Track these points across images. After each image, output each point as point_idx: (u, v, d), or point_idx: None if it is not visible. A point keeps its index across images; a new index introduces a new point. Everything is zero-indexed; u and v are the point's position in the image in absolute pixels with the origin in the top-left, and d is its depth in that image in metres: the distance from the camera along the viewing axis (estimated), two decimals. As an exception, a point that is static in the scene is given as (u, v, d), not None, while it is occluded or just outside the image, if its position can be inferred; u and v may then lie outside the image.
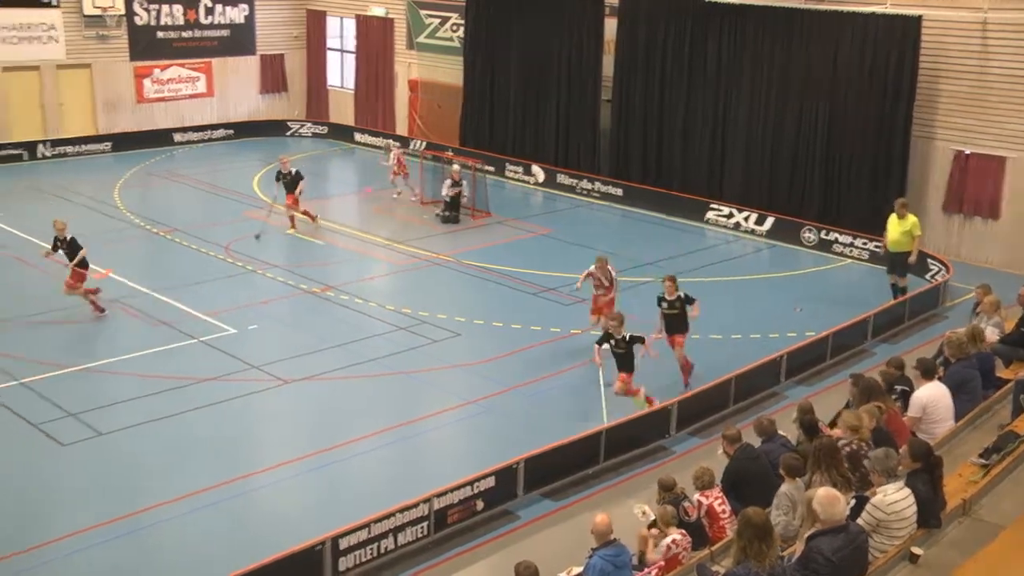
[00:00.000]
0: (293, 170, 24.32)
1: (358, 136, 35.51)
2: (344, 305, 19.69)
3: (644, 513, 10.46)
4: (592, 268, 17.42)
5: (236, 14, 36.14)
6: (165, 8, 34.58)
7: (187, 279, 20.94)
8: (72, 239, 18.60)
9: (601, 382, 15.55)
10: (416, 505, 11.83)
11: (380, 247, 23.78)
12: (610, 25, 28.83)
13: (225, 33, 36.05)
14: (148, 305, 19.40)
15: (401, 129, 35.04)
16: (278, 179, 24.45)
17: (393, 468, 13.93)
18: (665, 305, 15.84)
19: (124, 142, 33.23)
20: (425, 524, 11.90)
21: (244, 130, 35.87)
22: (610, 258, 17.94)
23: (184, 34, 35.21)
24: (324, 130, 36.54)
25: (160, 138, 34.01)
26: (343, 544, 11.15)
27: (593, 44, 29.12)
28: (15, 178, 29.40)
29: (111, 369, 16.48)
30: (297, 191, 24.20)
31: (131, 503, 12.59)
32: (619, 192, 28.16)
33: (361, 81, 36.46)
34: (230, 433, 14.70)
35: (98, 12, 32.94)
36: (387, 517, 11.56)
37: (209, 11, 35.53)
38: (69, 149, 32.32)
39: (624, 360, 14.85)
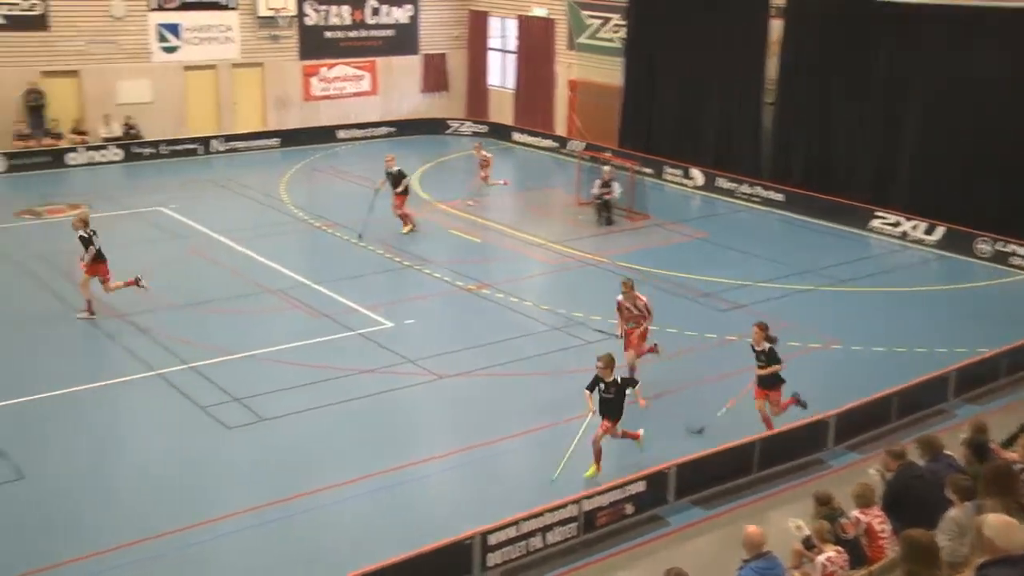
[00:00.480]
0: (396, 169, 24.24)
1: (516, 136, 35.76)
2: (499, 303, 19.83)
3: (799, 527, 10.15)
4: (620, 297, 16.09)
5: (401, 14, 36.96)
6: (334, 9, 35.65)
7: (347, 273, 21.48)
8: (81, 235, 18.53)
9: (579, 432, 13.44)
10: (565, 506, 11.80)
11: (536, 247, 23.86)
12: (774, 26, 28.21)
13: (390, 33, 36.91)
14: (309, 297, 19.98)
15: (560, 129, 35.12)
16: (390, 180, 24.23)
17: (542, 467, 13.90)
18: (754, 355, 14.34)
19: (291, 138, 34.41)
20: (574, 525, 11.85)
21: (406, 128, 36.61)
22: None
23: (351, 34, 36.21)
24: (484, 129, 36.95)
25: (325, 135, 35.04)
26: (492, 540, 11.21)
27: (756, 46, 28.53)
28: (190, 171, 30.82)
29: (274, 357, 17.02)
30: (400, 189, 24.16)
31: (287, 488, 12.97)
32: (780, 197, 27.49)
33: (521, 81, 36.71)
34: (384, 425, 14.97)
35: (271, 14, 34.21)
36: (536, 516, 11.57)
37: (375, 11, 36.44)
38: (240, 144, 33.65)
39: (611, 406, 13.33)
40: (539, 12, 35.52)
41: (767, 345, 14.05)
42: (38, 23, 30.75)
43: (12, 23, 30.34)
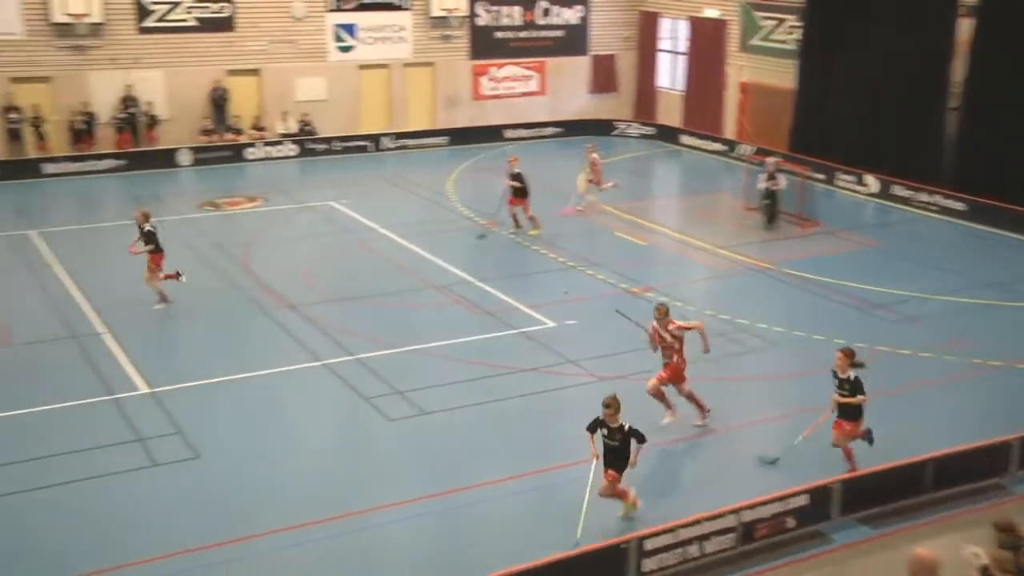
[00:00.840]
0: (516, 170, 23.94)
1: (684, 139, 35.30)
2: (661, 306, 19.57)
3: (976, 555, 9.59)
4: (653, 323, 14.37)
5: (572, 15, 37.01)
6: (505, 9, 36.00)
7: (510, 271, 21.62)
8: (149, 231, 19.09)
9: (589, 482, 12.03)
10: (724, 515, 11.53)
11: (701, 251, 23.46)
12: (963, 26, 26.91)
13: (560, 34, 37.02)
14: (473, 294, 20.19)
15: (729, 133, 34.47)
16: (512, 179, 24.02)
17: (697, 475, 13.65)
18: (836, 383, 13.05)
19: (460, 137, 34.90)
20: (732, 535, 11.57)
21: (573, 128, 36.58)
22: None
23: (521, 34, 36.49)
24: (651, 131, 36.59)
25: (492, 134, 35.36)
26: (648, 546, 11.05)
27: (942, 47, 27.27)
28: (361, 167, 31.67)
29: (437, 352, 17.25)
30: (516, 190, 23.89)
31: (442, 483, 13.08)
32: (961, 207, 26.19)
33: (691, 83, 36.19)
34: (543, 424, 14.96)
35: (444, 14, 34.80)
36: (694, 524, 11.34)
37: (546, 12, 36.61)
38: (410, 142, 34.36)
39: (616, 455, 11.91)
40: (711, 13, 34.96)
41: (852, 373, 12.90)
42: (225, 24, 32.20)
43: (203, 25, 31.90)
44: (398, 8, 34.44)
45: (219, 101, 32.39)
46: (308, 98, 33.46)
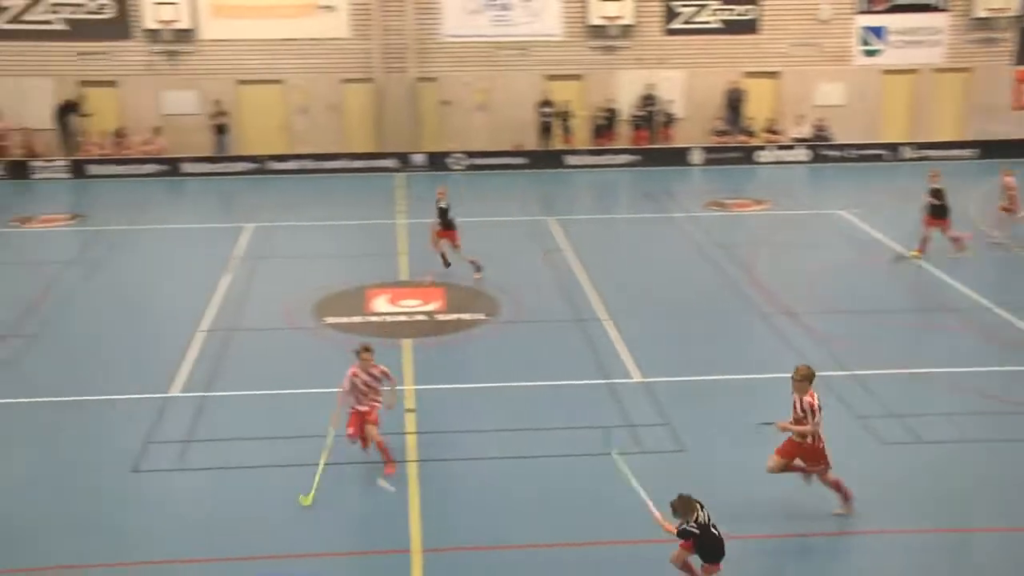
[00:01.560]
0: (938, 186, 21.59)
1: None
2: None
3: None
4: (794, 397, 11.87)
5: None
6: (1075, 6, 32.51)
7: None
8: (444, 208, 20.66)
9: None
10: None
11: None
12: None
13: None
14: (991, 321, 18.41)
15: None
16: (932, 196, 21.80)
17: None
18: None
19: (992, 150, 31.94)
20: None
21: None
22: None
23: (1082, 36, 32.76)
24: None
25: (1029, 149, 32.10)
26: None
27: None
28: (876, 177, 30.34)
29: (942, 379, 15.87)
30: (934, 209, 21.57)
31: (933, 517, 12.05)
32: None
33: None
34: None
35: (989, 15, 32.24)
36: None
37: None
38: (932, 153, 32.13)
39: (701, 546, 10.08)
40: None
41: None
42: (749, 27, 32.33)
43: (727, 27, 32.30)
44: (935, 9, 32.38)
45: (735, 102, 32.59)
46: (826, 103, 32.64)
